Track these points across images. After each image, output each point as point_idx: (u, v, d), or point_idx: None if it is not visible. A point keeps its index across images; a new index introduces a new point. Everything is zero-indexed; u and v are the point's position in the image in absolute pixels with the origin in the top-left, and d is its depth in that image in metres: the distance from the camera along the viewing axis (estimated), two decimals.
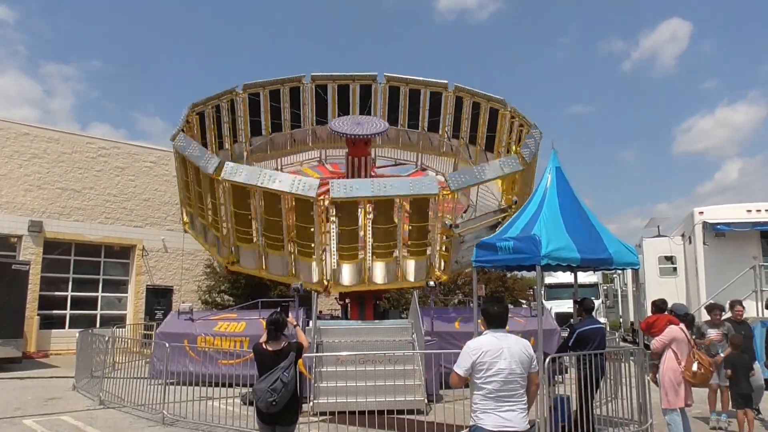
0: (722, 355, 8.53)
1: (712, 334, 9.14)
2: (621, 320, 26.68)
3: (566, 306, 22.08)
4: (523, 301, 28.81)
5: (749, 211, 13.83)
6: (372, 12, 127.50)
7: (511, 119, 16.06)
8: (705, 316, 12.85)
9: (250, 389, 8.92)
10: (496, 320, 4.41)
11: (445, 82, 17.48)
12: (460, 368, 4.28)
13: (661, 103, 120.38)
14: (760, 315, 12.41)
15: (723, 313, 9.57)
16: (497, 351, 4.20)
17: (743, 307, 9.53)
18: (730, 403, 8.59)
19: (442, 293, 24.20)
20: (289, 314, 5.88)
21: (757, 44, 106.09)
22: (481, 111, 16.68)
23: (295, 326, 5.88)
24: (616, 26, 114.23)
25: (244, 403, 8.98)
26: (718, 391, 8.98)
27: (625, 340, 21.87)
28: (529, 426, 4.23)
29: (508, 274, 27.63)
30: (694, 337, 8.20)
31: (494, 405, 4.14)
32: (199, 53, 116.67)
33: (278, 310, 5.77)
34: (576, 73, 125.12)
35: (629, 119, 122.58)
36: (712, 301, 10.59)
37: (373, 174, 15.83)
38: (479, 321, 4.77)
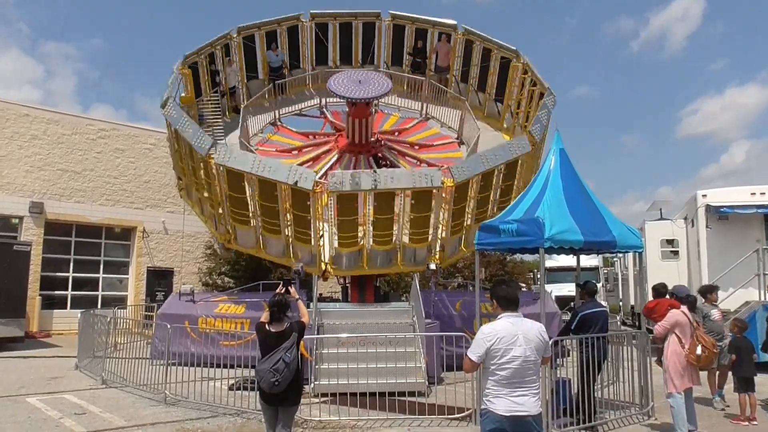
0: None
1: (715, 314, 9.14)
2: (621, 304, 26.71)
3: (566, 289, 22.09)
4: (523, 285, 28.86)
5: (753, 194, 13.71)
6: None
7: (523, 74, 15.13)
8: (698, 300, 12.90)
9: (239, 379, 9.00)
10: (508, 302, 4.33)
11: (454, 23, 16.31)
12: (473, 354, 4.20)
13: (669, 84, 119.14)
14: (763, 299, 12.40)
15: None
16: (512, 337, 4.13)
17: None
18: (734, 385, 8.60)
19: (443, 276, 24.21)
20: (291, 288, 5.84)
21: None
22: (491, 59, 15.82)
23: (297, 300, 5.86)
24: (625, 3, 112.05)
25: (230, 389, 8.99)
26: (717, 372, 9.03)
27: (624, 324, 21.93)
28: (541, 410, 4.19)
29: (508, 258, 27.65)
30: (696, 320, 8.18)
31: (507, 390, 4.09)
32: (205, 32, 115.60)
33: (281, 290, 5.74)
34: (582, 53, 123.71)
35: (635, 101, 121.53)
36: (710, 283, 10.55)
37: (374, 136, 15.16)
38: (488, 305, 4.69)
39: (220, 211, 12.92)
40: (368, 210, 11.70)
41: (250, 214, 12.54)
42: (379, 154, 14.98)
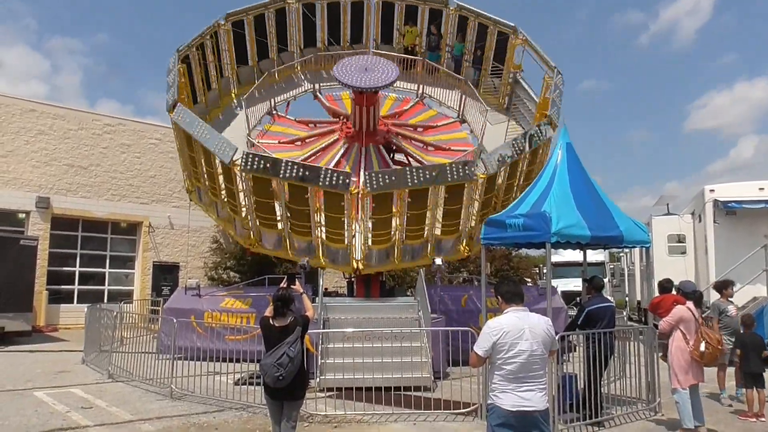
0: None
1: (732, 309, 9.03)
2: (627, 299, 26.63)
3: (572, 284, 22.04)
4: (528, 280, 28.77)
5: (762, 189, 13.64)
6: None
7: (523, 51, 14.85)
8: (714, 296, 12.78)
9: (245, 373, 9.01)
10: (512, 295, 4.33)
11: None
12: (480, 348, 4.19)
13: (677, 78, 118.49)
14: None
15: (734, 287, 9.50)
16: (518, 331, 4.11)
17: None
18: (739, 380, 8.55)
19: (448, 271, 24.16)
20: (296, 282, 5.83)
21: None
22: (488, 36, 15.57)
23: (301, 294, 5.85)
24: None
25: (236, 384, 9.00)
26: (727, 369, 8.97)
27: (630, 319, 21.86)
28: (548, 405, 4.16)
29: (513, 252, 27.57)
30: (711, 315, 8.12)
31: (513, 385, 4.07)
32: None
33: (285, 285, 5.72)
34: (591, 47, 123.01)
35: (643, 95, 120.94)
36: (721, 279, 10.41)
37: (381, 127, 14.94)
38: (494, 300, 4.67)
39: (244, 215, 12.64)
40: (403, 206, 11.60)
41: (278, 218, 12.28)
42: (388, 142, 14.80)
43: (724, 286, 9.44)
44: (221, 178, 12.54)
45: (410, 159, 14.81)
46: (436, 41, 16.39)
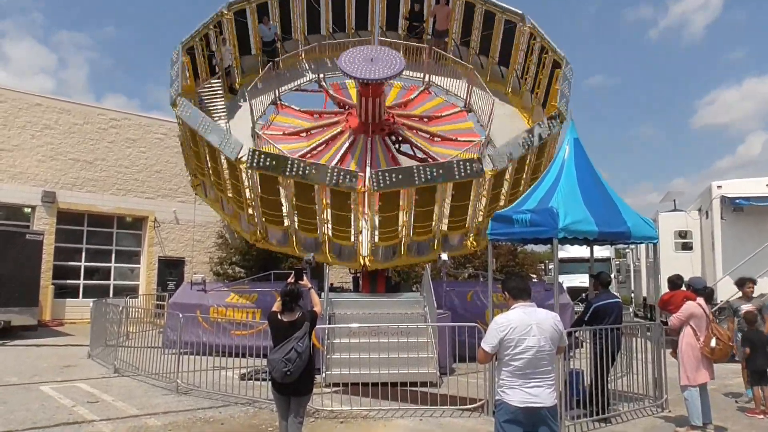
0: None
1: (746, 309, 8.91)
2: (633, 295, 26.54)
3: (578, 280, 22.00)
4: (534, 276, 28.74)
5: None
6: None
7: (531, 40, 14.56)
8: (721, 293, 12.68)
9: (250, 368, 9.01)
10: (519, 291, 4.30)
11: None
12: (487, 344, 4.17)
13: (686, 74, 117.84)
14: None
15: (755, 285, 9.36)
16: (526, 327, 4.09)
17: None
18: (747, 377, 8.47)
19: (453, 267, 24.12)
20: (304, 278, 5.81)
21: None
22: (495, 23, 15.34)
23: (309, 289, 5.83)
24: None
25: (242, 379, 9.00)
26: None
27: (636, 315, 21.79)
28: (556, 401, 4.14)
29: (518, 248, 27.52)
30: (728, 315, 8.01)
31: (521, 381, 4.05)
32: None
33: (292, 280, 5.70)
34: (599, 41, 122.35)
35: (651, 90, 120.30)
36: (741, 275, 10.22)
37: (387, 119, 14.74)
38: (501, 296, 4.65)
39: (250, 211, 12.58)
40: (410, 203, 11.54)
41: (285, 215, 12.24)
42: (393, 133, 14.72)
43: (741, 284, 9.32)
44: (226, 173, 12.52)
45: (416, 150, 14.73)
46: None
